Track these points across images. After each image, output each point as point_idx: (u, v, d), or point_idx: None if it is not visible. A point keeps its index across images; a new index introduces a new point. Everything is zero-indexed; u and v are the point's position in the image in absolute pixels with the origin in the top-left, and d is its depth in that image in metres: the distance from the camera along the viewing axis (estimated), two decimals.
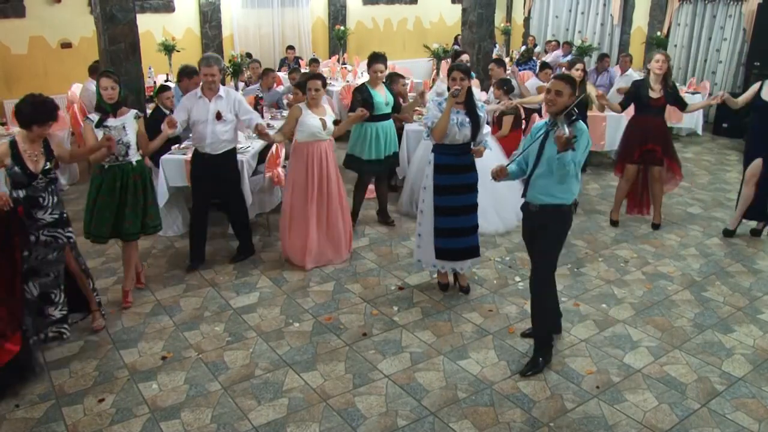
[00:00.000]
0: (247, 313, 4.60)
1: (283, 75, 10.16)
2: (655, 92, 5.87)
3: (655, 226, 6.23)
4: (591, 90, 6.33)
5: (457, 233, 4.63)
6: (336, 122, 5.30)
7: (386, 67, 5.82)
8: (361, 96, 5.62)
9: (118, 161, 4.37)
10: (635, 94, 5.96)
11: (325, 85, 5.29)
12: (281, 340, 4.25)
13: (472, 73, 5.10)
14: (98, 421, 3.46)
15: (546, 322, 4.01)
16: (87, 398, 3.65)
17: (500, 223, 6.05)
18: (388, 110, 5.79)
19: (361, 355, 4.08)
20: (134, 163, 4.44)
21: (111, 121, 4.34)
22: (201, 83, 4.99)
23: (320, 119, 5.07)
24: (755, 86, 5.90)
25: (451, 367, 3.97)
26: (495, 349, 4.18)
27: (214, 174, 5.04)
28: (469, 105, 4.50)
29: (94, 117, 4.36)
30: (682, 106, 6.08)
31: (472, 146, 4.56)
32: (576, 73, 6.05)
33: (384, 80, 6.00)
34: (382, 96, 5.73)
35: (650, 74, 5.91)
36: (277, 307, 4.68)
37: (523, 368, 3.92)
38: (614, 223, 6.32)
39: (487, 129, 4.60)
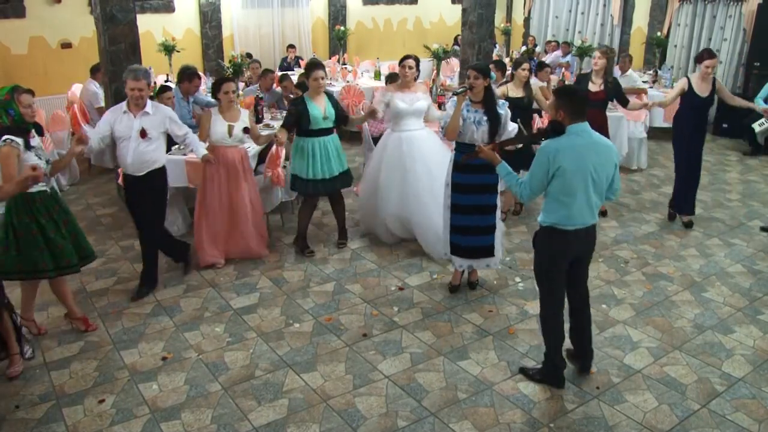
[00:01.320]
0: (247, 313, 4.60)
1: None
2: (596, 85, 5.98)
3: (604, 213, 6.38)
4: (537, 91, 6.33)
5: (473, 231, 4.68)
6: (246, 129, 5.06)
7: (326, 75, 5.41)
8: (296, 108, 5.16)
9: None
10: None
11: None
12: (281, 340, 4.25)
13: (492, 74, 5.16)
14: (98, 422, 3.46)
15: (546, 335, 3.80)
16: (87, 399, 3.65)
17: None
18: (328, 124, 5.25)
19: (362, 356, 4.08)
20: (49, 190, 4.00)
21: (34, 142, 3.89)
22: (127, 98, 4.53)
23: (228, 125, 4.92)
24: (683, 83, 6.00)
25: (451, 368, 3.97)
26: (495, 349, 4.18)
27: (140, 197, 4.66)
28: (487, 104, 4.47)
29: (19, 140, 3.74)
30: (623, 102, 6.15)
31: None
32: (522, 74, 5.95)
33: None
34: (320, 109, 5.18)
35: (592, 73, 6.09)
36: (278, 308, 4.68)
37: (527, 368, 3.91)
38: (604, 213, 6.44)
39: (512, 126, 4.50)
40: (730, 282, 5.18)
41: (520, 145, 4.23)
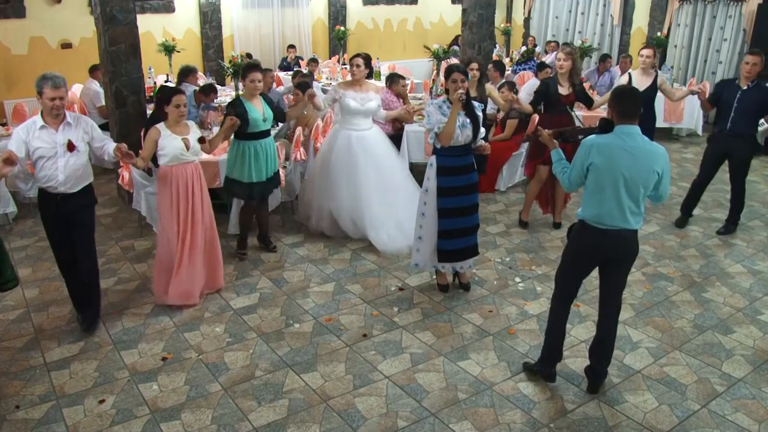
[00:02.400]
0: (247, 313, 4.60)
1: (283, 75, 10.17)
2: (565, 89, 5.85)
3: (557, 225, 6.20)
4: (489, 88, 6.30)
5: (460, 233, 4.66)
6: (201, 139, 4.61)
7: (264, 76, 5.20)
8: (235, 110, 4.94)
9: None
10: (545, 92, 5.87)
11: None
12: (281, 341, 4.26)
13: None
14: (99, 422, 3.46)
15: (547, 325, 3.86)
16: (87, 399, 3.65)
17: (403, 240, 5.51)
18: (267, 126, 5.19)
19: (362, 356, 4.09)
20: None
21: None
22: (41, 109, 4.00)
23: (182, 139, 4.46)
24: (624, 79, 6.13)
25: (451, 368, 3.97)
26: (495, 350, 4.18)
27: (70, 218, 4.12)
28: (469, 106, 4.52)
29: None
30: (588, 103, 6.07)
31: (472, 146, 4.60)
32: (471, 73, 5.91)
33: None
34: (258, 111, 5.08)
35: (558, 76, 5.90)
36: (278, 308, 4.68)
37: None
38: (524, 225, 6.20)
39: (482, 131, 4.63)
40: (730, 282, 5.18)
41: (580, 137, 4.12)
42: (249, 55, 9.90)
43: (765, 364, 4.06)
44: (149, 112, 6.40)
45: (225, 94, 8.76)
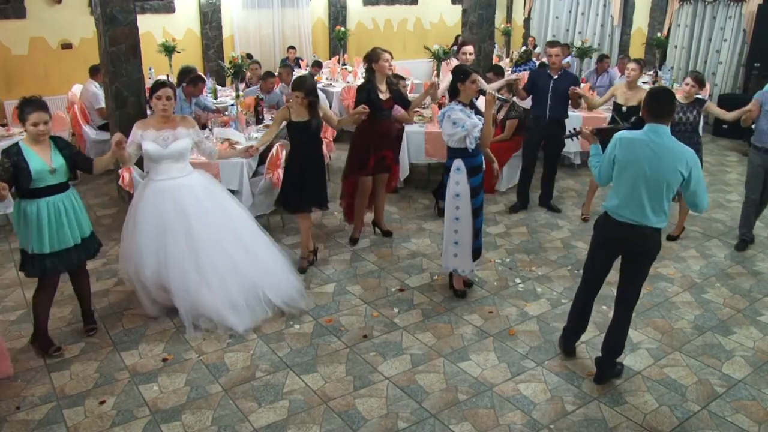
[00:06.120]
0: None
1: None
2: (384, 93, 5.35)
3: (387, 234, 5.91)
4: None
5: (479, 231, 4.77)
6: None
7: (51, 118, 3.85)
8: (10, 161, 3.68)
9: None
10: (366, 98, 5.24)
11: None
12: (282, 342, 4.26)
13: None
14: (99, 423, 3.46)
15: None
16: (88, 400, 3.65)
17: (248, 316, 4.43)
18: (59, 179, 3.86)
19: (362, 357, 4.09)
20: None
21: None
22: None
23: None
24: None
25: (451, 369, 3.97)
26: (495, 351, 4.18)
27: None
28: (474, 105, 4.62)
29: None
30: (406, 105, 5.65)
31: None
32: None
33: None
34: (43, 160, 3.79)
35: (375, 76, 5.32)
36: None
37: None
38: (355, 242, 5.78)
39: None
40: (730, 283, 5.18)
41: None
42: (249, 56, 9.90)
43: (765, 366, 4.06)
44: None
45: (225, 95, 8.76)
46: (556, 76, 6.25)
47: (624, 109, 6.12)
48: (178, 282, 4.28)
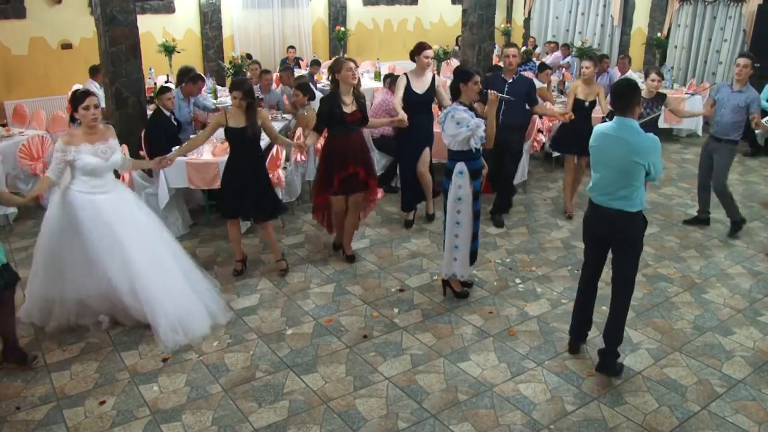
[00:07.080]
0: (247, 315, 4.60)
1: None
2: (349, 106, 4.96)
3: (350, 259, 5.45)
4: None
5: (476, 234, 4.78)
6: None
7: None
8: None
9: None
10: (329, 113, 4.96)
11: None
12: (282, 342, 4.26)
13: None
14: (99, 423, 3.46)
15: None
16: (88, 400, 3.65)
17: (207, 319, 4.38)
18: None
19: (362, 357, 4.09)
20: None
21: None
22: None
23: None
24: (401, 79, 5.90)
25: (451, 369, 3.97)
26: (495, 351, 4.18)
27: None
28: (473, 107, 4.57)
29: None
30: (365, 121, 5.17)
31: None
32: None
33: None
34: None
35: (340, 87, 4.95)
36: (278, 309, 4.68)
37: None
38: (337, 247, 5.59)
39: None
40: (730, 283, 5.18)
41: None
42: (249, 56, 9.91)
43: (765, 366, 4.06)
44: (149, 112, 6.41)
45: (225, 95, 8.77)
46: (510, 80, 5.91)
47: (586, 104, 6.19)
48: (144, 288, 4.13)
